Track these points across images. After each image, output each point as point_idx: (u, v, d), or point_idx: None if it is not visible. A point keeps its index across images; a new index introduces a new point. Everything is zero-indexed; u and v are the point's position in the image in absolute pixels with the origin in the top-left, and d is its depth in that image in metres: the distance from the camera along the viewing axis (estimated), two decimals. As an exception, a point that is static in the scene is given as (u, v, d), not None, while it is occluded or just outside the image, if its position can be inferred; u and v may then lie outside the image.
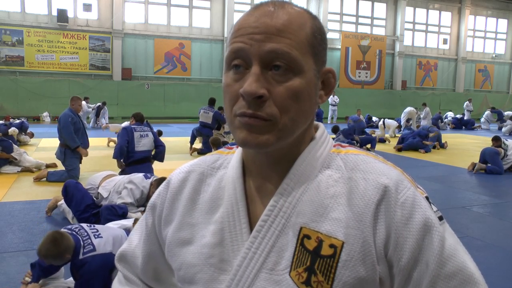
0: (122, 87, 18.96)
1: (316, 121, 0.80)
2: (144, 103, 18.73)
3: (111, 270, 2.83)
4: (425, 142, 11.09)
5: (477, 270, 0.69)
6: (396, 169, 0.73)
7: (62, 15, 17.89)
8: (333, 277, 0.67)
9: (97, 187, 4.81)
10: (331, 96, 20.17)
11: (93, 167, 7.08)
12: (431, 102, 25.31)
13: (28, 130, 10.91)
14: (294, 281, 0.68)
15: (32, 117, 16.99)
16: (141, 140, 6.07)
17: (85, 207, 4.39)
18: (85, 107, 15.39)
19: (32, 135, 10.98)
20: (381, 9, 24.30)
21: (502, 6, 27.25)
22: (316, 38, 0.71)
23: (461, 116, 20.69)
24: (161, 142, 6.45)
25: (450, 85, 26.72)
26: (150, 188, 4.65)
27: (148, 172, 5.94)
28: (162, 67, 20.12)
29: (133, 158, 5.98)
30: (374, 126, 17.29)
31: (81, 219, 4.29)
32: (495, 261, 3.83)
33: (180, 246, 0.79)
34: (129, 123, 6.51)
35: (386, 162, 0.74)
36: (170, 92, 19.87)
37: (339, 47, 23.21)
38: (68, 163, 6.48)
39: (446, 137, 12.63)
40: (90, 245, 2.90)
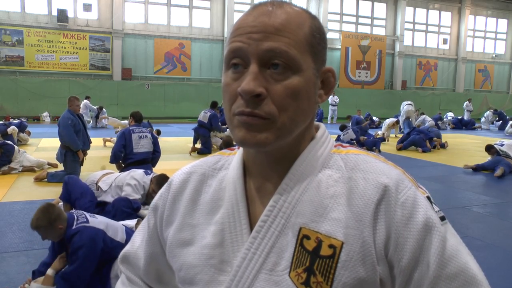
0: (122, 87, 18.97)
1: (316, 121, 0.79)
2: (144, 103, 18.73)
3: (102, 250, 2.85)
4: (428, 145, 11.11)
5: (480, 271, 0.68)
6: (397, 168, 0.73)
7: (62, 15, 17.89)
8: (332, 277, 0.66)
9: (96, 183, 4.82)
10: (331, 96, 20.24)
11: (93, 167, 7.07)
12: (431, 102, 25.34)
13: (26, 129, 10.95)
14: (293, 281, 0.68)
15: (32, 117, 17.00)
16: (140, 142, 6.05)
17: (86, 202, 4.39)
18: (89, 105, 15.39)
19: (29, 133, 11.02)
20: (381, 9, 24.30)
21: (502, 6, 27.24)
22: (315, 37, 0.70)
23: (461, 117, 20.69)
24: (159, 148, 6.42)
25: (450, 85, 26.72)
26: (150, 185, 4.65)
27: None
28: (162, 67, 20.12)
29: (132, 160, 5.97)
30: (374, 126, 17.28)
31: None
32: (495, 261, 3.83)
33: (181, 247, 0.79)
34: (128, 122, 6.47)
35: (386, 161, 0.74)
36: (170, 92, 19.87)
37: (339, 47, 23.21)
38: (68, 165, 6.47)
39: (446, 137, 12.63)
40: (84, 218, 2.98)
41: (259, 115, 0.66)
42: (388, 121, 14.69)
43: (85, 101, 15.41)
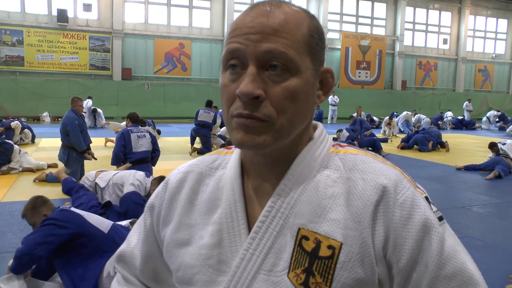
0: (122, 87, 18.96)
1: (315, 121, 0.79)
2: (144, 103, 18.73)
3: (78, 233, 2.80)
4: (430, 146, 11.11)
5: (477, 271, 0.68)
6: (395, 169, 0.72)
7: (62, 15, 17.88)
8: (331, 278, 0.66)
9: (93, 181, 4.82)
10: (331, 96, 20.23)
11: (93, 167, 7.05)
12: (431, 102, 25.34)
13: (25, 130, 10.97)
14: (292, 282, 0.68)
15: (32, 117, 16.99)
16: (139, 141, 6.08)
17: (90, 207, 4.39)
18: (88, 105, 15.40)
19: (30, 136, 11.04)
20: (381, 9, 24.29)
21: (502, 6, 27.23)
22: (314, 38, 0.70)
23: (462, 117, 20.67)
24: (158, 147, 6.47)
25: (450, 85, 26.71)
26: (150, 187, 4.65)
27: (147, 172, 5.97)
28: (162, 67, 20.12)
29: (131, 159, 6.00)
30: (375, 126, 17.27)
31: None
32: (495, 261, 3.82)
33: (178, 247, 0.79)
34: (125, 124, 6.54)
35: (385, 161, 0.74)
36: (170, 92, 19.86)
37: (339, 47, 23.19)
38: (71, 165, 6.48)
39: (446, 137, 12.60)
40: (68, 207, 3.06)
41: (257, 117, 0.66)
42: (385, 118, 14.90)
43: (89, 101, 15.45)
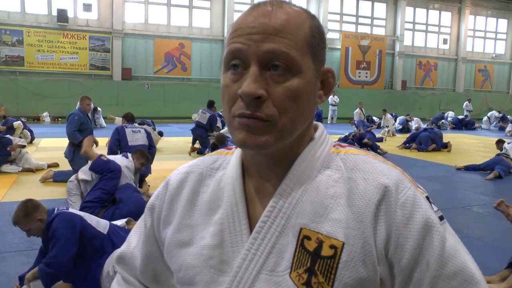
0: (122, 87, 18.96)
1: (315, 121, 0.79)
2: (144, 103, 18.73)
3: (82, 234, 2.87)
4: (429, 149, 11.10)
5: (478, 270, 0.68)
6: (396, 168, 0.73)
7: (62, 15, 17.88)
8: (333, 278, 0.66)
9: (77, 180, 4.82)
10: (331, 96, 20.22)
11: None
12: (431, 102, 25.34)
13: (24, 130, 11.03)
14: (294, 282, 0.68)
15: (32, 117, 16.98)
16: (134, 135, 6.21)
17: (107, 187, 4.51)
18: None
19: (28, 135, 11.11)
20: (381, 9, 24.29)
21: (502, 6, 27.23)
22: (315, 38, 0.70)
23: (463, 117, 20.66)
24: (153, 143, 6.59)
25: (450, 85, 26.71)
26: (134, 163, 5.00)
27: (147, 166, 6.16)
28: (162, 67, 20.11)
29: (128, 152, 6.11)
30: (375, 126, 17.24)
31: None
32: (495, 261, 3.82)
33: (180, 248, 0.79)
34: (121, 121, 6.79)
35: (386, 161, 0.74)
36: (170, 92, 19.86)
37: (339, 47, 23.19)
38: (77, 162, 6.51)
39: (446, 137, 12.58)
40: (64, 208, 3.07)
41: (259, 117, 0.66)
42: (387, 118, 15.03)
43: None
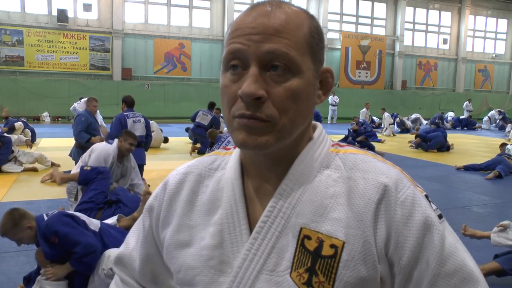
0: (122, 87, 18.94)
1: (314, 121, 0.79)
2: (144, 103, 18.69)
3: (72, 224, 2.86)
4: (431, 150, 11.08)
5: (477, 268, 0.69)
6: (395, 168, 0.73)
7: (62, 15, 17.88)
8: (334, 277, 0.66)
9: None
10: (331, 96, 20.21)
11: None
12: (431, 102, 25.34)
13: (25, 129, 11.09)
14: (295, 282, 0.68)
15: (32, 117, 16.98)
16: (134, 126, 6.25)
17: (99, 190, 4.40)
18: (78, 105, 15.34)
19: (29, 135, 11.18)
20: (381, 9, 24.29)
21: (502, 6, 27.23)
22: (314, 38, 0.70)
23: (464, 117, 20.65)
24: (150, 132, 6.62)
25: (450, 85, 26.71)
26: (121, 143, 4.89)
27: (140, 156, 6.24)
28: (162, 67, 20.11)
29: None
30: (375, 126, 17.25)
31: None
32: (495, 261, 3.81)
33: (179, 249, 0.79)
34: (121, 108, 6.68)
35: (385, 161, 0.74)
36: (170, 92, 19.86)
37: (339, 47, 23.19)
38: None
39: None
40: (55, 210, 3.02)
41: (260, 118, 0.66)
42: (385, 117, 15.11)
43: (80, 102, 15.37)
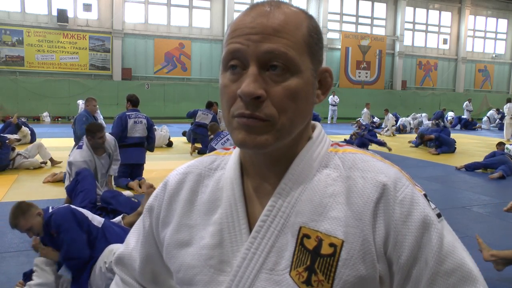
0: (122, 87, 18.94)
1: (313, 121, 0.80)
2: (144, 103, 18.44)
3: (78, 221, 2.96)
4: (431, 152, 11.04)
5: (475, 267, 0.69)
6: (394, 167, 0.73)
7: (62, 15, 17.88)
8: (333, 276, 0.67)
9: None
10: (331, 96, 20.21)
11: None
12: (431, 102, 25.33)
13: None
14: (294, 280, 0.68)
15: (32, 117, 16.98)
16: (135, 127, 6.26)
17: (86, 200, 4.35)
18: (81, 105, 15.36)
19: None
20: (381, 9, 24.29)
21: (502, 6, 27.24)
22: (313, 38, 0.71)
23: (465, 117, 20.65)
24: (153, 134, 6.64)
25: (450, 85, 26.71)
26: (92, 140, 4.79)
27: (140, 156, 6.27)
28: (162, 67, 20.12)
29: (125, 142, 6.20)
30: (375, 126, 17.26)
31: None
32: (495, 261, 3.82)
33: (179, 248, 0.79)
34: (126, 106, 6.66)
35: (384, 160, 0.75)
36: (170, 92, 19.86)
37: (339, 47, 23.20)
38: None
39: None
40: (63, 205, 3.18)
41: (259, 117, 0.66)
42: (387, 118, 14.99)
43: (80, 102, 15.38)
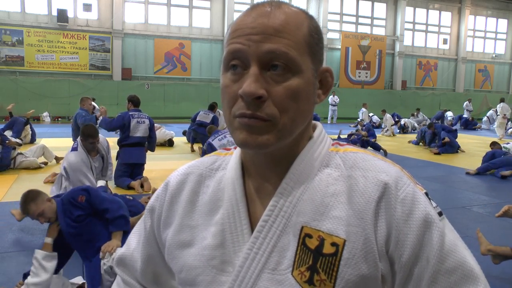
0: (122, 87, 18.95)
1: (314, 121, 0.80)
2: (144, 103, 18.38)
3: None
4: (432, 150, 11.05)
5: (477, 265, 0.69)
6: (395, 166, 0.73)
7: (62, 15, 17.89)
8: (335, 275, 0.67)
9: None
10: (331, 96, 20.22)
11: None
12: (431, 102, 25.33)
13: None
14: (296, 280, 0.68)
15: (32, 117, 16.97)
16: (138, 127, 6.27)
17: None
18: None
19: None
20: (381, 9, 24.29)
21: (502, 6, 27.24)
22: (313, 38, 0.71)
23: (466, 117, 20.64)
24: (154, 134, 6.66)
25: (450, 85, 26.72)
26: (83, 143, 4.66)
27: (140, 155, 6.26)
28: (162, 67, 20.12)
29: (127, 142, 6.22)
30: (375, 126, 17.25)
31: None
32: (495, 261, 3.82)
33: (181, 249, 0.79)
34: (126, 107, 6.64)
35: (384, 159, 0.75)
36: (170, 92, 19.86)
37: (339, 47, 23.20)
38: None
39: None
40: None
41: (260, 117, 0.66)
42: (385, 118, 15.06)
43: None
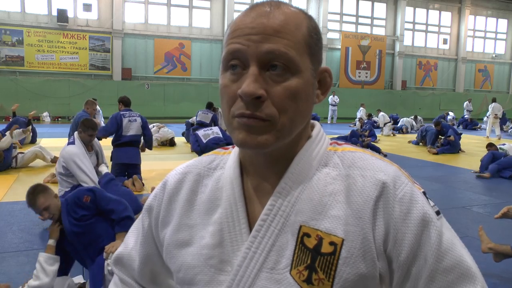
0: (122, 87, 18.95)
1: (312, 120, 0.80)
2: (144, 103, 18.72)
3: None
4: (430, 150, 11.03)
5: (474, 264, 0.70)
6: (393, 165, 0.74)
7: (62, 15, 17.89)
8: (334, 274, 0.67)
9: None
10: (331, 96, 20.23)
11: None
12: (431, 102, 25.35)
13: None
14: (295, 279, 0.68)
15: (33, 117, 16.97)
16: (130, 125, 6.30)
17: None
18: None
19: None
20: (381, 9, 24.30)
21: (502, 6, 27.24)
22: (312, 38, 0.71)
23: (467, 117, 20.64)
24: (149, 130, 6.63)
25: (450, 85, 26.72)
26: (81, 135, 4.63)
27: (135, 155, 6.26)
28: (162, 67, 20.13)
29: (119, 141, 6.24)
30: (375, 126, 17.24)
31: None
32: (495, 261, 3.82)
33: (179, 248, 0.79)
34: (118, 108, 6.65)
35: (383, 158, 0.75)
36: (170, 92, 19.87)
37: (339, 47, 23.20)
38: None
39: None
40: None
41: (259, 117, 0.66)
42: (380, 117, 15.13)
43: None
